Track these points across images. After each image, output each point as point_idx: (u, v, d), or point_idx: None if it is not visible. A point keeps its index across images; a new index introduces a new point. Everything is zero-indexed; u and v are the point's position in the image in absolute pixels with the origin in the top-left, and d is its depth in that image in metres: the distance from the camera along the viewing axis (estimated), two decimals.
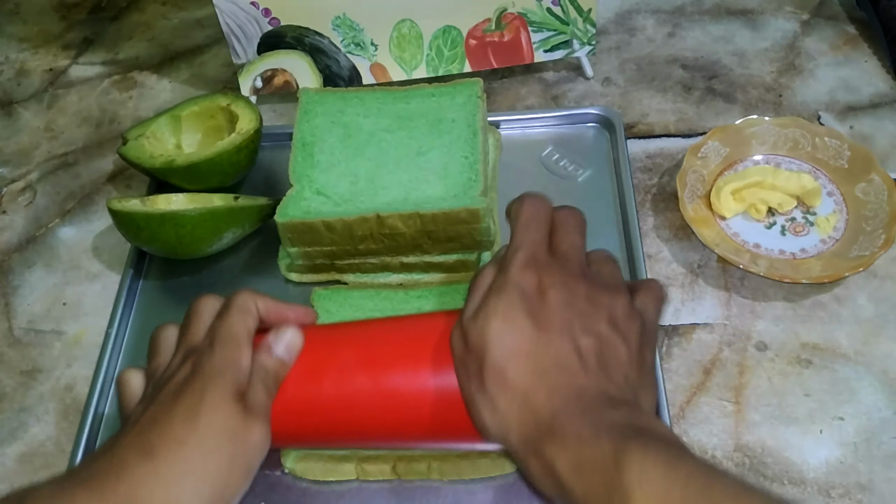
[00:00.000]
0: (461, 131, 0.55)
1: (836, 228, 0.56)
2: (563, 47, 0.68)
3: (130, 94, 0.74)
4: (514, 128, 0.65)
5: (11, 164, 0.69)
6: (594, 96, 0.68)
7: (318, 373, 0.40)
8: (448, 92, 0.57)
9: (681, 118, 0.66)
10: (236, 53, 0.66)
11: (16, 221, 0.65)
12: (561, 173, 0.62)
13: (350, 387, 0.39)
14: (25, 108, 0.74)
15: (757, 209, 0.57)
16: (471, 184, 0.52)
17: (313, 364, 0.40)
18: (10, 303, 0.59)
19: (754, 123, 0.61)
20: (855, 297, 0.54)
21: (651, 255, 0.57)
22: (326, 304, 0.52)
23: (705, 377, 0.51)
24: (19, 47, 0.80)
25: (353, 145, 0.56)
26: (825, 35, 0.72)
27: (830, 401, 0.49)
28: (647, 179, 0.62)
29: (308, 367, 0.40)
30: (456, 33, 0.66)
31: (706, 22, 0.74)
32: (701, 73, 0.70)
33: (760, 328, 0.53)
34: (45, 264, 0.61)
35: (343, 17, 0.64)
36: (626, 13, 0.76)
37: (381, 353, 0.40)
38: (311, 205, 0.53)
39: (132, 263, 0.58)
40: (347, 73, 0.67)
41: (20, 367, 0.55)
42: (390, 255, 0.53)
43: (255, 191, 0.61)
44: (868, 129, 0.64)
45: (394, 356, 0.40)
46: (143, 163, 0.58)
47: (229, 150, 0.58)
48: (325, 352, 0.41)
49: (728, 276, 0.56)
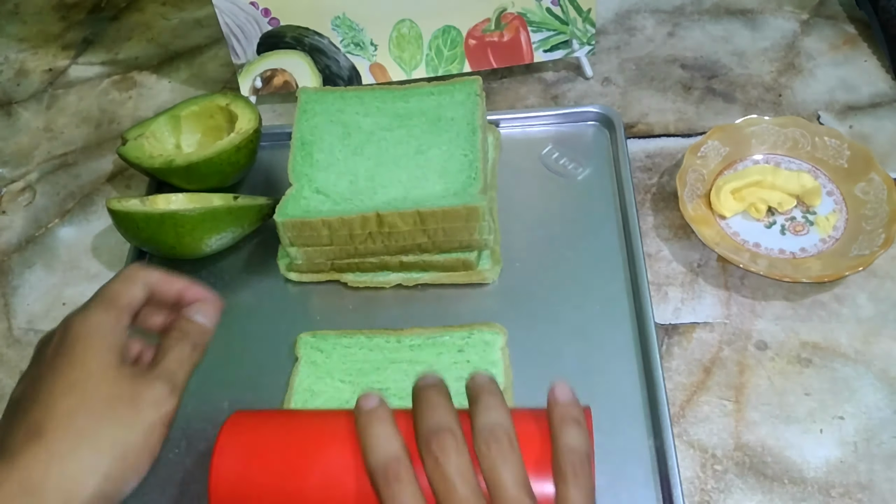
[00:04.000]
0: (460, 129, 0.55)
1: (836, 228, 0.56)
2: (562, 47, 0.68)
3: (130, 94, 0.74)
4: (513, 127, 0.65)
5: (11, 164, 0.69)
6: (594, 96, 0.68)
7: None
8: (447, 90, 0.58)
9: (680, 118, 0.66)
10: (236, 53, 0.66)
11: (15, 221, 0.65)
12: (561, 172, 0.62)
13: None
14: (25, 109, 0.74)
15: (757, 208, 0.57)
16: (470, 182, 0.52)
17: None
18: (10, 303, 0.59)
19: (754, 123, 0.61)
20: (855, 296, 0.54)
21: (651, 254, 0.57)
22: (312, 355, 0.51)
23: (705, 376, 0.51)
24: (19, 47, 0.80)
25: (353, 144, 0.56)
26: (825, 35, 0.72)
27: (830, 400, 0.49)
28: (646, 179, 0.62)
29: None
30: (455, 33, 0.66)
31: (706, 22, 0.74)
32: (700, 72, 0.70)
33: (760, 327, 0.53)
34: (45, 264, 0.61)
35: (343, 17, 0.64)
36: (626, 13, 0.76)
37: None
38: (311, 203, 0.53)
39: (131, 263, 0.58)
40: (347, 73, 0.67)
41: (20, 367, 0.55)
42: (389, 254, 0.53)
43: (254, 191, 0.61)
44: (868, 128, 0.64)
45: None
46: (142, 163, 0.58)
47: (229, 149, 0.58)
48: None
49: (728, 276, 0.56)
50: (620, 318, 0.53)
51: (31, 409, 0.35)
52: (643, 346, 0.50)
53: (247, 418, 0.39)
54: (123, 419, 0.35)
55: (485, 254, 0.55)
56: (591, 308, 0.53)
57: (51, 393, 0.35)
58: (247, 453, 0.37)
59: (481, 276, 0.55)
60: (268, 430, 0.38)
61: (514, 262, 0.56)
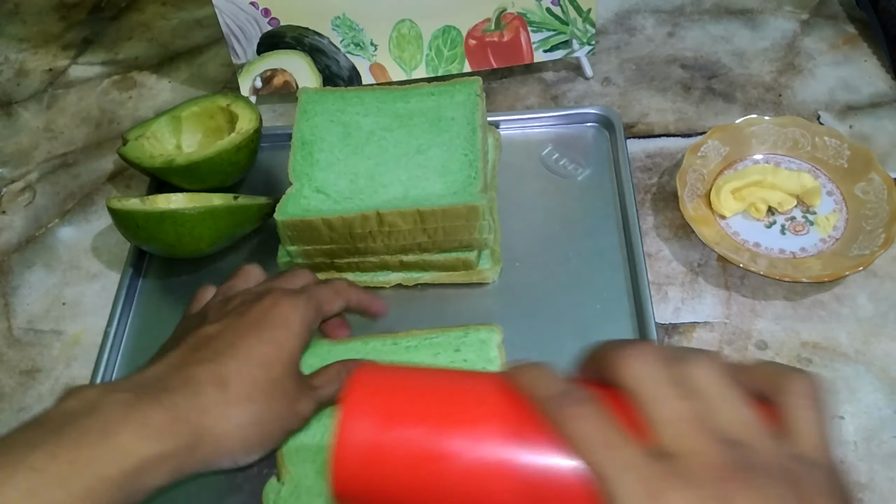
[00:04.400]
0: (460, 129, 0.55)
1: (836, 227, 0.56)
2: (562, 47, 0.68)
3: (130, 94, 0.74)
4: (513, 127, 0.65)
5: (11, 164, 0.69)
6: (594, 96, 0.68)
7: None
8: (447, 90, 0.58)
9: (680, 118, 0.66)
10: (236, 53, 0.66)
11: (15, 221, 0.65)
12: (561, 173, 0.62)
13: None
14: (25, 109, 0.74)
15: (757, 208, 0.57)
16: (470, 181, 0.52)
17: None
18: (10, 303, 0.59)
19: (754, 123, 0.61)
20: (855, 296, 0.54)
21: (651, 254, 0.57)
22: (308, 359, 0.49)
23: None
24: (19, 47, 0.80)
25: (353, 144, 0.56)
26: (825, 35, 0.72)
27: (830, 400, 0.49)
28: (646, 179, 0.62)
29: None
30: (455, 33, 0.66)
31: (706, 22, 0.74)
32: (700, 72, 0.70)
33: (760, 327, 0.53)
34: (45, 264, 0.61)
35: (343, 17, 0.64)
36: (626, 13, 0.76)
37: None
38: (311, 203, 0.53)
39: (132, 263, 0.58)
40: (347, 73, 0.67)
41: (20, 366, 0.55)
42: (389, 253, 0.53)
43: (254, 191, 0.61)
44: (868, 128, 0.64)
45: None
46: (143, 163, 0.58)
47: (229, 149, 0.58)
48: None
49: (728, 275, 0.56)
50: (621, 317, 0.53)
51: (224, 360, 0.38)
52: None
53: (377, 374, 0.33)
54: (281, 413, 0.39)
55: (485, 253, 0.55)
56: (592, 308, 0.53)
57: (248, 357, 0.39)
58: (381, 415, 0.31)
59: (481, 275, 0.55)
60: (404, 389, 0.32)
61: (514, 262, 0.56)
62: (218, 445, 0.36)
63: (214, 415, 0.36)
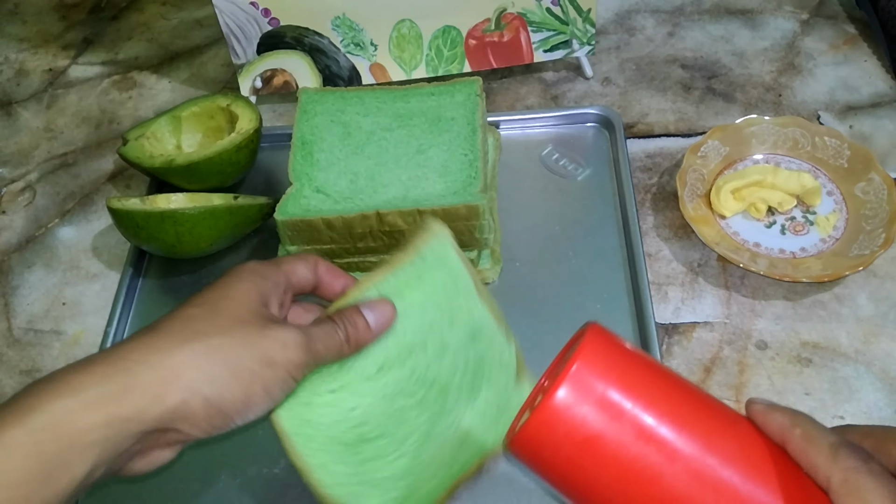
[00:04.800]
0: (460, 129, 0.55)
1: (836, 227, 0.56)
2: (562, 47, 0.68)
3: (130, 94, 0.74)
4: (513, 128, 0.65)
5: (11, 164, 0.69)
6: (594, 96, 0.68)
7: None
8: (447, 90, 0.58)
9: (680, 118, 0.66)
10: (236, 53, 0.66)
11: (15, 221, 0.65)
12: (561, 173, 0.62)
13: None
14: (25, 109, 0.74)
15: (757, 208, 0.57)
16: (470, 181, 0.52)
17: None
18: (10, 303, 0.59)
19: (754, 123, 0.61)
20: (855, 296, 0.54)
21: (651, 254, 0.57)
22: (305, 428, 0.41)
23: (706, 376, 0.51)
24: (19, 47, 0.80)
25: (353, 144, 0.56)
26: (825, 35, 0.72)
27: (830, 399, 0.49)
28: (646, 179, 0.62)
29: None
30: (455, 33, 0.66)
31: (706, 22, 0.74)
32: (700, 72, 0.70)
33: (760, 327, 0.53)
34: (45, 264, 0.61)
35: (343, 17, 0.64)
36: (626, 13, 0.76)
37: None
38: (311, 202, 0.53)
39: (132, 263, 0.58)
40: (347, 73, 0.67)
41: (20, 366, 0.55)
42: (389, 253, 0.53)
43: (254, 191, 0.61)
44: (868, 128, 0.64)
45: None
46: (143, 163, 0.58)
47: (229, 149, 0.58)
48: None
49: (728, 275, 0.56)
50: (621, 317, 0.53)
51: (163, 318, 0.34)
52: (644, 345, 0.51)
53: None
54: (245, 339, 0.33)
55: (485, 253, 0.55)
56: (592, 308, 0.53)
57: (184, 307, 0.34)
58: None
59: (481, 275, 0.55)
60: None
61: (514, 261, 0.56)
62: (155, 394, 0.31)
63: (142, 360, 0.32)
